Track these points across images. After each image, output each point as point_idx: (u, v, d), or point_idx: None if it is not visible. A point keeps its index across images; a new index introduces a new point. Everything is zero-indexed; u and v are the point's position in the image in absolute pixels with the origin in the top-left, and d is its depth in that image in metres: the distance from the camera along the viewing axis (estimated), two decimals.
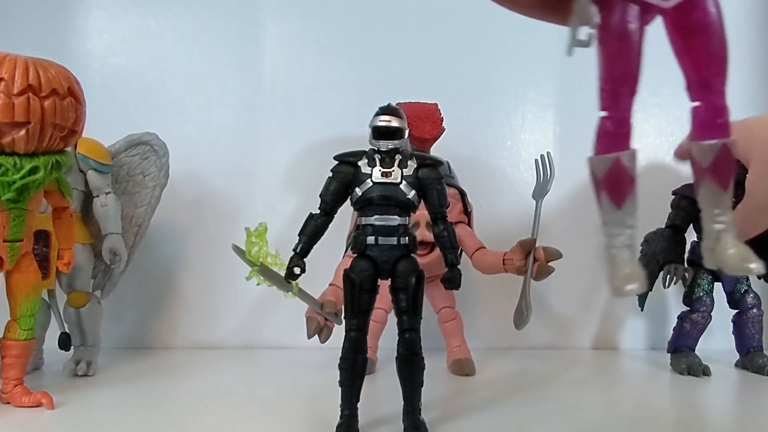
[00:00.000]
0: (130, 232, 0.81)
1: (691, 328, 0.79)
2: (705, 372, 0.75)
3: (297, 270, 0.55)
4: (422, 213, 0.74)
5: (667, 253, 0.80)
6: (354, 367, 0.53)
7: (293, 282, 0.67)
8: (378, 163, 0.54)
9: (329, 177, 0.56)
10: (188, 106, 0.95)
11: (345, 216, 0.84)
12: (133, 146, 0.81)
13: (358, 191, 0.54)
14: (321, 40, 0.99)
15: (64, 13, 0.96)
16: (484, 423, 0.56)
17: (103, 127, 0.76)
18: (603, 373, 0.78)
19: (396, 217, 0.53)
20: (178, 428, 0.55)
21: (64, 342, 0.75)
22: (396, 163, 0.54)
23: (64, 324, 0.76)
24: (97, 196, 0.77)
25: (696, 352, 0.79)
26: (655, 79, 1.08)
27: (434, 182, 0.54)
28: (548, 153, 0.77)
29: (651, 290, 0.80)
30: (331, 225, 0.56)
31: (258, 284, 0.72)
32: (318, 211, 0.56)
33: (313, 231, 0.56)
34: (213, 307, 0.96)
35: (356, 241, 0.54)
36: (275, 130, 0.95)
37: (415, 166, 0.55)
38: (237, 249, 0.72)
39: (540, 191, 0.76)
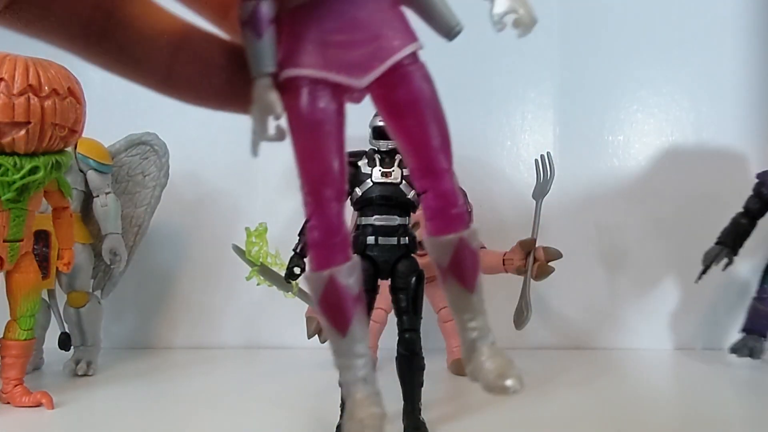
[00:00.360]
0: (130, 232, 0.81)
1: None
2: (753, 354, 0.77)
3: (297, 270, 0.55)
4: (422, 212, 0.73)
5: (724, 235, 0.82)
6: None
7: (293, 282, 0.67)
8: (378, 163, 0.54)
9: None
10: (188, 106, 0.95)
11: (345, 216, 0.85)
12: (133, 146, 0.81)
13: (358, 191, 0.54)
14: None
15: None
16: (484, 423, 0.56)
17: (103, 127, 0.76)
18: (603, 373, 0.78)
19: (396, 217, 0.53)
20: (178, 428, 0.55)
21: (64, 342, 0.75)
22: (396, 163, 0.54)
23: (64, 324, 0.76)
24: (97, 196, 0.76)
25: None
26: (655, 79, 1.09)
27: None
28: (548, 153, 0.77)
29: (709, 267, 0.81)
30: None
31: (258, 284, 0.72)
32: None
33: None
34: (213, 307, 0.96)
35: (356, 241, 0.54)
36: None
37: None
38: (237, 249, 0.72)
39: (540, 191, 0.76)
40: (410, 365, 0.53)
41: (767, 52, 1.00)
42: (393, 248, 0.53)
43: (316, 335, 0.73)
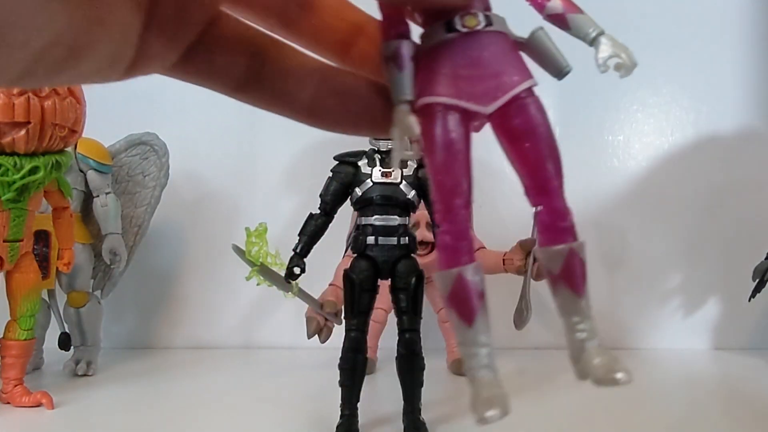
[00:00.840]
0: (130, 232, 0.81)
1: None
2: None
3: (297, 270, 0.55)
4: (422, 213, 0.74)
5: None
6: (354, 367, 0.53)
7: (293, 282, 0.67)
8: (378, 163, 0.54)
9: (329, 177, 0.56)
10: (188, 106, 0.95)
11: (345, 216, 0.85)
12: (133, 146, 0.81)
13: (358, 191, 0.54)
14: None
15: None
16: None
17: (103, 127, 0.76)
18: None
19: (396, 217, 0.53)
20: (178, 428, 0.55)
21: (64, 342, 0.75)
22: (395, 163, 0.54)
23: (64, 324, 0.76)
24: (97, 196, 0.76)
25: None
26: (655, 79, 1.09)
27: None
28: None
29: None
30: (331, 225, 0.56)
31: (258, 284, 0.72)
32: (318, 212, 0.56)
33: (313, 231, 0.56)
34: (213, 307, 0.96)
35: (356, 241, 0.54)
36: (275, 130, 0.95)
37: (415, 166, 0.55)
38: (237, 249, 0.72)
39: None
40: (410, 365, 0.53)
41: (767, 51, 1.00)
42: (393, 248, 0.53)
43: (316, 335, 0.73)
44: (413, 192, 0.54)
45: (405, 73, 0.18)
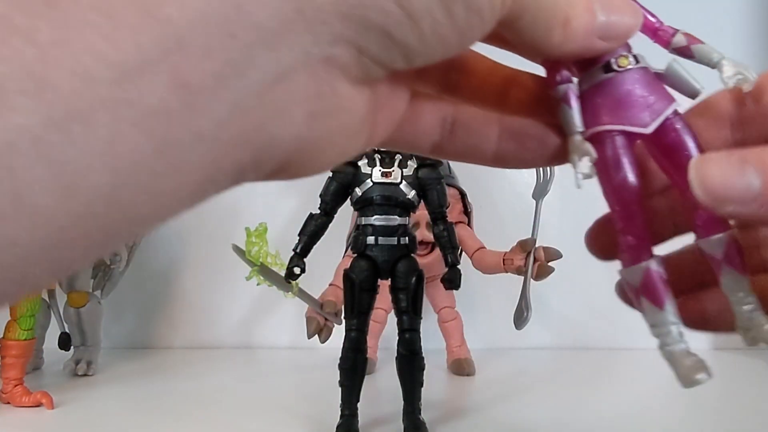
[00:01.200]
0: None
1: None
2: None
3: (297, 270, 0.55)
4: (422, 213, 0.74)
5: None
6: (354, 367, 0.53)
7: (293, 282, 0.67)
8: (378, 163, 0.54)
9: (329, 177, 0.56)
10: None
11: (345, 216, 0.85)
12: None
13: (358, 191, 0.54)
14: None
15: None
16: (484, 423, 0.56)
17: None
18: (603, 373, 0.78)
19: (396, 217, 0.53)
20: (178, 428, 0.55)
21: (64, 342, 0.75)
22: (396, 163, 0.54)
23: (64, 324, 0.76)
24: None
25: None
26: None
27: (434, 182, 0.55)
28: None
29: None
30: (331, 225, 0.56)
31: (258, 284, 0.72)
32: (318, 211, 0.56)
33: (313, 231, 0.56)
34: (213, 307, 0.96)
35: (356, 241, 0.54)
36: None
37: (415, 166, 0.55)
38: (237, 249, 0.72)
39: (540, 191, 0.76)
40: (410, 365, 0.53)
41: (767, 52, 1.00)
42: (393, 248, 0.53)
43: (316, 335, 0.73)
44: (413, 192, 0.54)
45: (574, 109, 0.23)
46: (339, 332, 0.77)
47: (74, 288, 0.75)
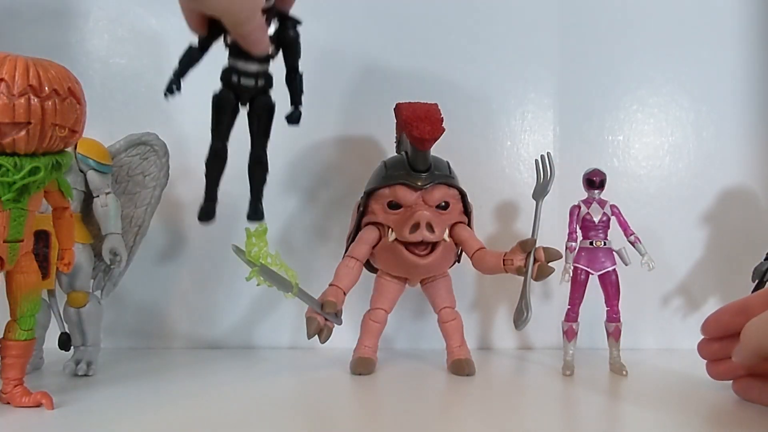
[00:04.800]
0: (130, 232, 0.81)
1: None
2: None
3: (174, 87, 0.67)
4: (422, 213, 0.74)
5: None
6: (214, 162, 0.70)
7: (293, 282, 0.67)
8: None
9: None
10: (188, 106, 0.95)
11: (345, 217, 0.85)
12: (133, 146, 0.81)
13: (229, 38, 0.66)
14: (321, 40, 0.99)
15: (64, 13, 0.96)
16: (484, 423, 0.56)
17: (103, 127, 0.76)
18: (603, 373, 0.78)
19: (255, 63, 0.65)
20: (178, 428, 0.55)
21: (64, 342, 0.75)
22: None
23: (64, 324, 0.76)
24: (97, 196, 0.76)
25: None
26: (654, 79, 1.09)
27: (293, 41, 0.68)
28: (548, 153, 0.77)
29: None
30: (331, 226, 0.56)
31: (258, 284, 0.72)
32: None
33: (188, 60, 0.68)
34: (213, 307, 0.96)
35: (226, 75, 0.66)
36: (275, 130, 0.95)
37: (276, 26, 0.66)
38: (237, 249, 0.72)
39: (540, 191, 0.76)
40: (259, 169, 0.71)
41: (767, 51, 1.00)
42: (251, 88, 0.66)
43: (316, 335, 0.73)
44: (272, 46, 0.66)
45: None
46: (339, 332, 0.77)
47: (74, 288, 0.75)
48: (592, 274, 0.80)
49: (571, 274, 0.80)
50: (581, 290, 0.80)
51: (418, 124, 0.71)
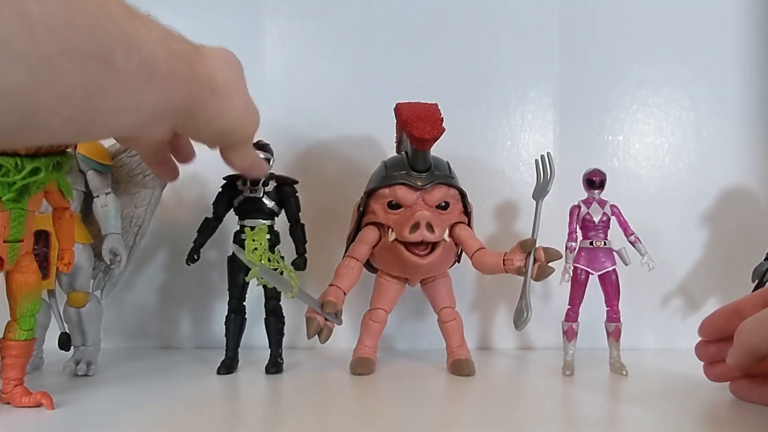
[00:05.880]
0: (130, 232, 0.81)
1: None
2: None
3: (196, 256, 0.81)
4: (422, 213, 0.74)
5: None
6: (232, 324, 0.79)
7: (293, 282, 0.67)
8: (248, 183, 0.78)
9: (219, 192, 0.81)
10: None
11: (345, 216, 0.85)
12: None
13: (235, 202, 0.78)
14: (321, 40, 0.99)
15: None
16: (484, 423, 0.56)
17: None
18: (603, 373, 0.78)
19: (261, 219, 0.77)
20: (178, 428, 0.55)
21: (64, 342, 0.75)
22: (260, 183, 0.78)
23: (64, 324, 0.76)
24: (97, 196, 0.76)
25: None
26: (654, 79, 1.08)
27: (290, 196, 0.79)
28: (548, 153, 0.77)
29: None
30: (331, 226, 0.57)
31: (258, 284, 0.72)
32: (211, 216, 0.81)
33: (207, 231, 0.82)
34: (213, 307, 0.96)
35: (237, 236, 0.76)
36: (274, 130, 0.95)
37: (275, 185, 0.79)
38: (237, 249, 0.72)
39: (540, 191, 0.76)
40: (275, 320, 0.79)
41: (767, 51, 1.00)
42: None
43: (316, 335, 0.73)
44: (273, 203, 0.78)
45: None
46: (339, 332, 0.77)
47: (74, 288, 0.75)
48: (592, 274, 0.80)
49: (571, 274, 0.80)
50: (581, 290, 0.80)
51: (418, 124, 0.71)
